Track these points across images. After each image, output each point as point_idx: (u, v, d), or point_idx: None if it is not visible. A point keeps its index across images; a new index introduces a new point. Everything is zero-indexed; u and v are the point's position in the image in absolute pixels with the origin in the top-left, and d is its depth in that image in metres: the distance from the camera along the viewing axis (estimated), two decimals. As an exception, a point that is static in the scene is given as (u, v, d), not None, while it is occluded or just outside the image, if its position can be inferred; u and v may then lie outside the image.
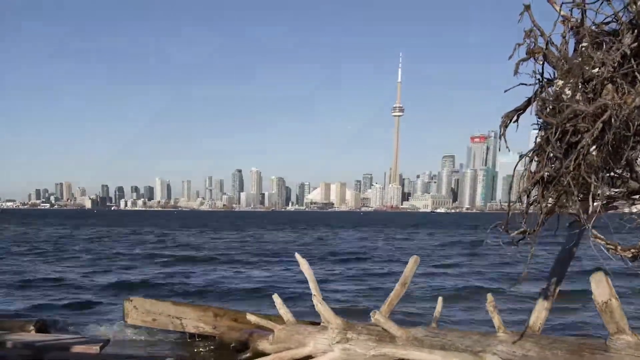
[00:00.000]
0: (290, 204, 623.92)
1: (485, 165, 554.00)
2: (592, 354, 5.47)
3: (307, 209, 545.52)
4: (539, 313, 6.27)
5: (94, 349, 7.69)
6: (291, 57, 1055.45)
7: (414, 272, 9.43)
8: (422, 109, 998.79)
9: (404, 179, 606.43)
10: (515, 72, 4.17)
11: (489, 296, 6.28)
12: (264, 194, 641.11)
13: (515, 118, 4.63)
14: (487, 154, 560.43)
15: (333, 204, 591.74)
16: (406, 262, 8.98)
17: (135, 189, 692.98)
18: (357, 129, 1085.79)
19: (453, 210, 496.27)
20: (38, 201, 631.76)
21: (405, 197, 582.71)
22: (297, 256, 9.43)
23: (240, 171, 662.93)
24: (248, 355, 10.64)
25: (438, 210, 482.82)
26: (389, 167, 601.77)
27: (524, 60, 4.14)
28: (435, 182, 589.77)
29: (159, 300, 12.32)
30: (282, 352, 9.45)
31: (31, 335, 8.84)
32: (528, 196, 4.11)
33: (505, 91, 4.45)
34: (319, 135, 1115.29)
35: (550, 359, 5.67)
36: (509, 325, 6.89)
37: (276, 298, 10.59)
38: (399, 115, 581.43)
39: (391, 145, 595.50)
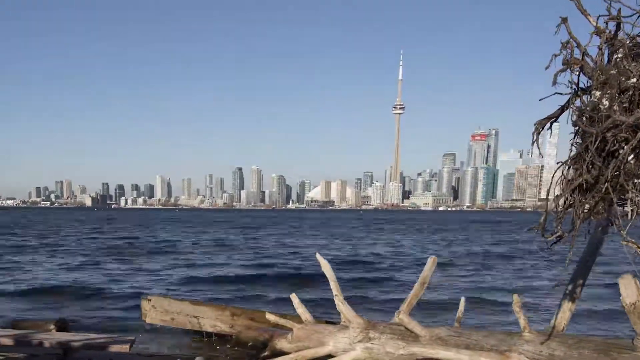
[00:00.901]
0: (290, 202, 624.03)
1: (486, 163, 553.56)
2: (619, 354, 5.62)
3: (307, 207, 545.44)
4: (563, 313, 6.42)
5: (124, 347, 7.84)
6: (291, 54, 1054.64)
7: (432, 272, 9.65)
8: (423, 107, 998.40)
9: (404, 177, 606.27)
10: (554, 83, 4.32)
11: (515, 297, 6.43)
12: (264, 192, 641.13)
13: (548, 125, 4.79)
14: (487, 152, 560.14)
15: (334, 202, 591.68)
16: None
17: (136, 187, 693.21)
18: (358, 127, 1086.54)
19: (454, 209, 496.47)
20: (38, 199, 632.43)
21: (406, 195, 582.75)
22: (318, 256, 9.57)
23: (240, 169, 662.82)
24: (266, 354, 10.77)
25: (441, 209, 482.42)
26: (390, 165, 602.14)
27: (561, 71, 4.30)
28: (436, 180, 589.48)
29: (177, 300, 12.49)
30: (303, 350, 9.60)
31: (61, 334, 8.99)
32: (565, 202, 4.27)
33: (540, 100, 4.62)
34: (320, 133, 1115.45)
35: (577, 359, 5.83)
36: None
37: (294, 298, 10.72)
38: (399, 113, 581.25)
39: (392, 143, 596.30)
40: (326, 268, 9.41)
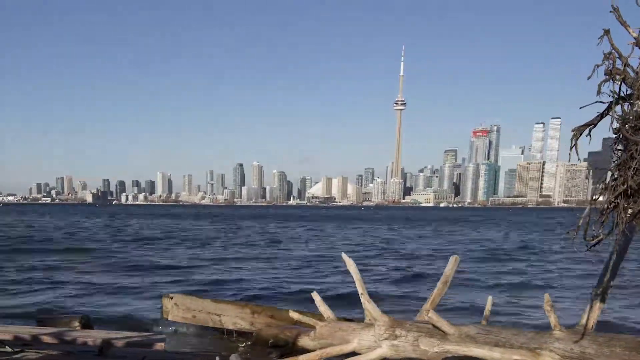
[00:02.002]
0: (291, 198, 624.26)
1: (488, 159, 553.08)
2: (651, 352, 5.80)
3: (308, 204, 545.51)
4: (593, 312, 6.58)
5: (160, 345, 8.02)
6: (292, 50, 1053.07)
7: (455, 271, 9.86)
8: (424, 103, 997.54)
9: (405, 174, 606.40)
10: (598, 93, 4.50)
11: (546, 296, 6.60)
12: (265, 188, 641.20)
13: (587, 132, 4.96)
14: (489, 148, 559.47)
15: (335, 198, 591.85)
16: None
17: (137, 183, 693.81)
18: (359, 123, 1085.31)
19: (455, 205, 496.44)
20: (39, 195, 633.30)
21: (407, 191, 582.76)
22: (344, 256, 9.74)
23: (241, 165, 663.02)
24: (287, 351, 10.99)
25: (442, 205, 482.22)
26: (391, 161, 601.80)
27: (605, 81, 4.47)
28: (437, 177, 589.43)
29: (199, 297, 12.68)
30: (327, 348, 9.78)
31: (97, 332, 9.18)
32: (609, 206, 4.45)
33: (581, 108, 4.81)
34: (321, 129, 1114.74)
35: (608, 356, 6.02)
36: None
37: (315, 296, 10.89)
38: (401, 109, 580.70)
39: (393, 139, 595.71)
40: (351, 267, 9.59)
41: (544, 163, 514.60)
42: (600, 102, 4.60)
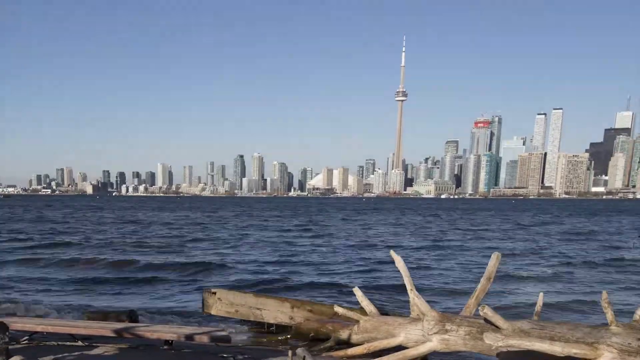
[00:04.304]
0: (292, 189, 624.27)
1: (489, 150, 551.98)
2: None
3: (309, 195, 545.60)
4: (648, 307, 6.94)
5: (225, 339, 8.37)
6: (293, 40, 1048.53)
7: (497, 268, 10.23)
8: (425, 94, 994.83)
9: (407, 165, 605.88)
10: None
11: (604, 293, 6.93)
12: (266, 179, 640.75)
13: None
14: (490, 139, 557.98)
15: (335, 189, 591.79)
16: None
17: (137, 175, 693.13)
18: (360, 114, 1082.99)
19: (456, 196, 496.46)
20: (39, 187, 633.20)
21: (408, 182, 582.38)
22: (392, 253, 10.09)
23: (242, 156, 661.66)
24: (330, 344, 11.34)
25: (443, 197, 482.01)
26: (392, 152, 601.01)
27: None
28: (438, 168, 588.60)
29: (241, 292, 13.05)
30: (375, 341, 10.15)
31: (161, 326, 9.48)
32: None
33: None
34: (322, 121, 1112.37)
35: (668, 350, 6.36)
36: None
37: (357, 291, 11.24)
38: (402, 100, 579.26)
39: (394, 130, 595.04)
40: (400, 264, 9.95)
41: (545, 154, 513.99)
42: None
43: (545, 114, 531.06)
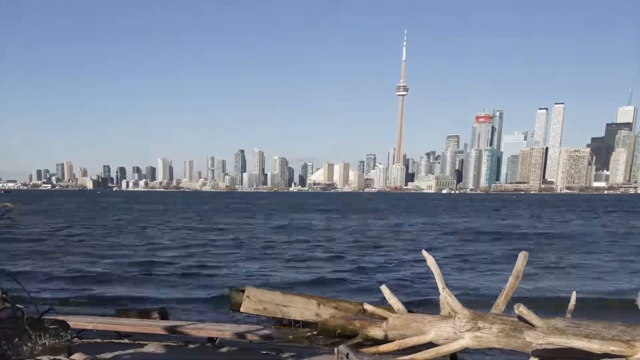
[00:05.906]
0: (293, 184, 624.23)
1: (490, 145, 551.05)
2: None
3: (310, 190, 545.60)
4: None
5: (268, 337, 8.62)
6: (293, 36, 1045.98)
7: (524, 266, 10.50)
8: (426, 88, 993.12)
9: (408, 160, 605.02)
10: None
11: (640, 294, 7.19)
12: (266, 174, 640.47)
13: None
14: (492, 134, 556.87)
15: (336, 184, 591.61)
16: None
17: (137, 170, 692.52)
18: (361, 109, 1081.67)
19: (457, 192, 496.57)
20: (39, 182, 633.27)
21: (410, 177, 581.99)
22: (424, 253, 10.33)
23: (242, 151, 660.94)
24: (358, 340, 11.60)
25: (444, 192, 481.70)
26: (393, 147, 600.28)
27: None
28: (439, 163, 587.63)
29: (269, 290, 13.31)
30: (406, 339, 10.41)
31: (205, 324, 9.69)
32: None
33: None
34: (323, 115, 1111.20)
35: None
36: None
37: (384, 289, 11.48)
38: (403, 95, 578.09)
39: (395, 125, 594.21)
40: (431, 263, 10.19)
41: (546, 149, 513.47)
42: None
43: (546, 108, 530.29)
